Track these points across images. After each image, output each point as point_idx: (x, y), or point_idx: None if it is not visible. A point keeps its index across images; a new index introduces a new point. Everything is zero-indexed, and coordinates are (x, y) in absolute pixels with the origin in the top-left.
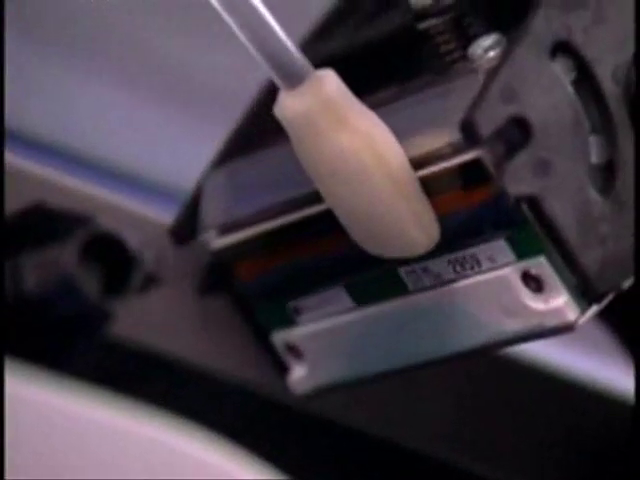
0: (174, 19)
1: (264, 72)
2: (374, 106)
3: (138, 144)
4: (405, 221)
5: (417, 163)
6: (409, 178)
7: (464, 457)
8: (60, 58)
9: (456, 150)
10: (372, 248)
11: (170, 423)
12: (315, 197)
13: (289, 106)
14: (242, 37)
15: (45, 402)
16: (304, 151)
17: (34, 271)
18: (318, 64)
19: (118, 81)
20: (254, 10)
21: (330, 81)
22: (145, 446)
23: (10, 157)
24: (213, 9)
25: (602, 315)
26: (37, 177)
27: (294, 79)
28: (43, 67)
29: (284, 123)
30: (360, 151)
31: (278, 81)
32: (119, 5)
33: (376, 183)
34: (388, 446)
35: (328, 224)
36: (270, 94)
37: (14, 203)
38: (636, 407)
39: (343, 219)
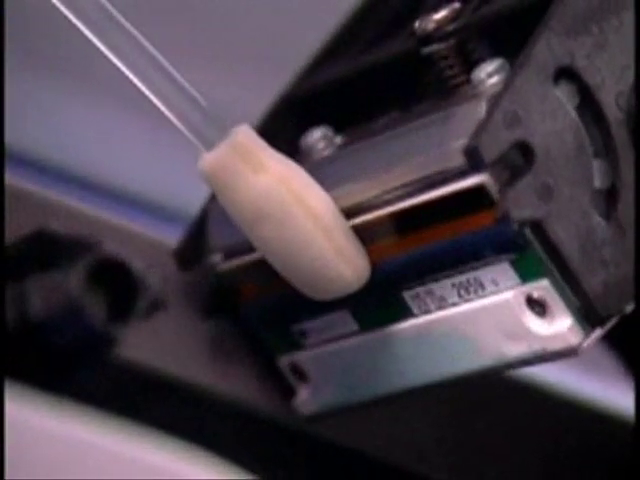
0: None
1: (269, 95)
2: (377, 131)
3: (143, 167)
4: (328, 257)
5: (420, 187)
6: (330, 215)
7: (463, 478)
8: (64, 80)
9: (460, 174)
10: (305, 290)
11: (175, 447)
12: None
13: (209, 162)
14: (158, 104)
15: (48, 427)
16: (227, 201)
17: (39, 296)
18: (321, 88)
19: (122, 104)
20: (171, 81)
21: (243, 132)
22: (149, 471)
23: (14, 180)
24: (216, 32)
25: (604, 336)
26: (41, 201)
27: (212, 140)
28: (46, 89)
29: (206, 180)
30: (278, 190)
31: (198, 145)
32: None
33: (296, 222)
34: (387, 467)
35: None
36: (277, 118)
37: (17, 227)
38: (636, 428)
39: (274, 264)
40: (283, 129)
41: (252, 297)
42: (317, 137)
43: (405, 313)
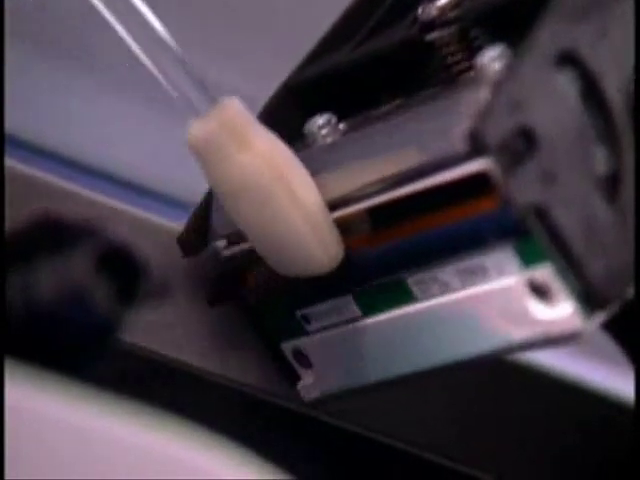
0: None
1: (272, 82)
2: (380, 118)
3: (147, 153)
4: (303, 237)
5: (423, 173)
6: (310, 196)
7: (469, 463)
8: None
9: (462, 160)
10: (277, 267)
11: (179, 430)
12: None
13: (196, 132)
14: (155, 73)
15: (52, 412)
16: (210, 174)
17: (46, 281)
18: (325, 75)
19: (128, 90)
20: (163, 47)
21: (232, 106)
22: (154, 455)
23: (20, 166)
24: (219, 21)
25: (605, 322)
26: (46, 187)
27: (200, 109)
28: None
29: (192, 150)
30: (261, 170)
31: (188, 112)
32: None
33: (276, 201)
34: (392, 451)
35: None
36: (281, 104)
37: (22, 213)
38: (636, 414)
39: (250, 238)
40: (287, 116)
41: (255, 283)
42: (321, 124)
43: (408, 298)
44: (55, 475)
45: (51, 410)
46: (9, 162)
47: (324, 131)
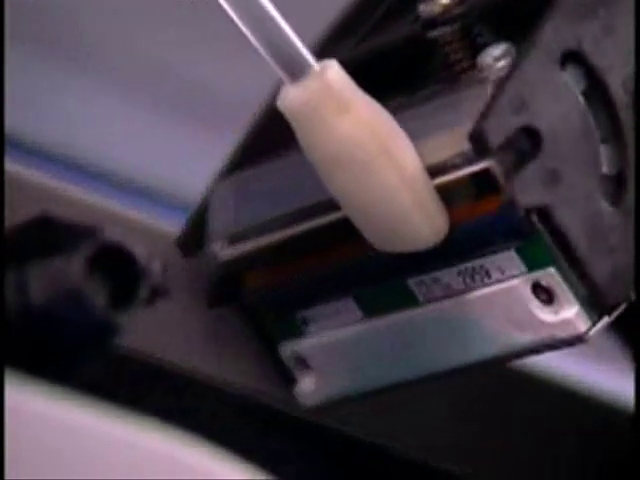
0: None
1: (271, 81)
2: None
3: (145, 155)
4: (409, 211)
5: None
6: (414, 167)
7: (469, 468)
8: (68, 68)
9: (465, 160)
10: (377, 241)
11: (175, 435)
12: (324, 207)
13: (292, 97)
14: (245, 30)
15: (49, 415)
16: (307, 141)
17: (40, 283)
18: None
19: (125, 92)
20: (258, 3)
21: (333, 70)
22: (150, 458)
23: (17, 168)
24: (219, 20)
25: (610, 325)
26: (43, 188)
27: (297, 71)
28: (49, 76)
29: (287, 115)
30: (363, 138)
31: (281, 74)
32: (126, 18)
33: (379, 171)
34: (390, 455)
35: (337, 234)
36: None
37: (19, 214)
38: (636, 416)
39: (348, 211)
40: None
41: (255, 284)
42: None
43: (410, 301)
44: (55, 475)
45: (50, 411)
46: (8, 163)
47: None
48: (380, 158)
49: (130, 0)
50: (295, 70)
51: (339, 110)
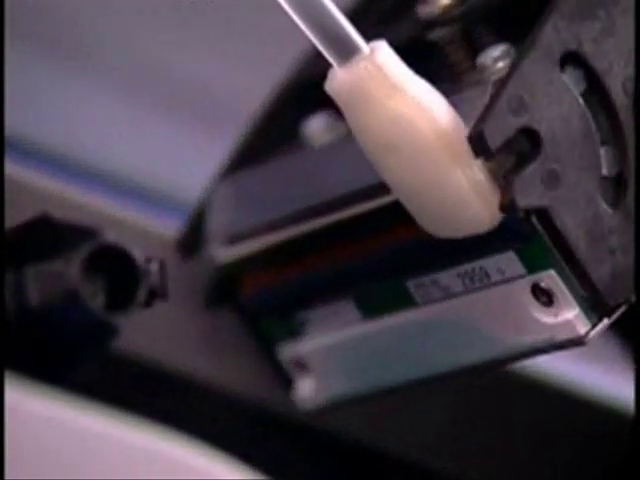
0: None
1: (270, 83)
2: None
3: (143, 156)
4: (465, 192)
5: None
6: (467, 147)
7: (467, 471)
8: (67, 69)
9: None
10: (432, 227)
11: (173, 437)
12: (323, 209)
13: (342, 79)
14: (293, 14)
15: (47, 416)
16: (358, 124)
17: (38, 284)
18: (324, 74)
19: (123, 93)
20: None
21: (383, 52)
22: (147, 460)
23: (15, 169)
24: (219, 20)
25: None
26: (41, 189)
27: (346, 53)
28: (48, 77)
29: (336, 98)
30: (416, 117)
31: (329, 57)
32: (127, 18)
33: (433, 152)
34: (389, 459)
35: (336, 236)
36: (278, 104)
37: (18, 215)
38: (636, 418)
39: (400, 194)
40: (285, 115)
41: (253, 286)
42: (319, 124)
43: (409, 302)
44: (55, 475)
45: (50, 411)
46: (8, 164)
47: (322, 131)
48: (433, 138)
49: (130, 0)
50: (344, 53)
51: (390, 91)
